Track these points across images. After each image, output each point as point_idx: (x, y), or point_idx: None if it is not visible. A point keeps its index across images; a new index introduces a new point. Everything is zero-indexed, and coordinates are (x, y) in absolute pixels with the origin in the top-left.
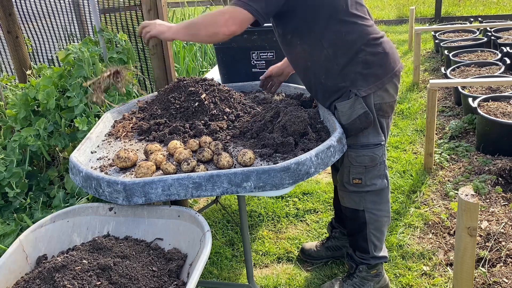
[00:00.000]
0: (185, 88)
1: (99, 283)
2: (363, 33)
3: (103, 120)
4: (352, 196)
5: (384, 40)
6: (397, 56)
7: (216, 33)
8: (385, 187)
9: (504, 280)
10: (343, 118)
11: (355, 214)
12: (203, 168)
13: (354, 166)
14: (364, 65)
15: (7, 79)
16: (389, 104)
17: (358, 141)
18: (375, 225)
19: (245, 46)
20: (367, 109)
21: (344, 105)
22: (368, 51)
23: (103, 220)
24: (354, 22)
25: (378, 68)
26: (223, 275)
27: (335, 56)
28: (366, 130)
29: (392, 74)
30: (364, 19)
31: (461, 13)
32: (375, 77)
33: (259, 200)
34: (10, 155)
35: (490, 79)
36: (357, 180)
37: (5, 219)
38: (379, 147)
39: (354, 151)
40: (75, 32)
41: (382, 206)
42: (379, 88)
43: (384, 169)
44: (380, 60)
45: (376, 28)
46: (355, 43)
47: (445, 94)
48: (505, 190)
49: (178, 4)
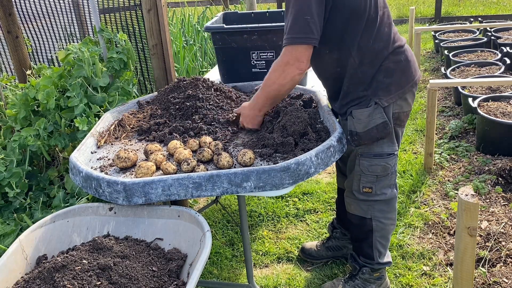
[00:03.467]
0: (185, 88)
1: (99, 283)
2: (389, 41)
3: (103, 120)
4: (360, 204)
5: (406, 48)
6: (416, 64)
7: (293, 81)
8: (394, 197)
9: (504, 280)
10: (359, 125)
11: (362, 221)
12: (203, 168)
13: (366, 175)
14: (387, 73)
15: (7, 79)
16: (406, 113)
17: (372, 150)
18: (382, 233)
19: (245, 46)
20: (387, 119)
21: (362, 113)
22: (391, 59)
23: (103, 220)
24: (382, 30)
25: (400, 77)
26: (223, 275)
27: (361, 64)
28: (381, 140)
29: (413, 83)
30: (390, 26)
31: (461, 13)
32: (397, 86)
33: (259, 200)
34: (10, 155)
35: (490, 79)
36: (368, 189)
37: (5, 219)
38: (392, 156)
39: (366, 160)
40: (75, 32)
41: (390, 214)
42: (400, 98)
43: (394, 179)
44: (402, 68)
45: (399, 35)
46: (381, 52)
47: (445, 94)
48: (505, 190)
49: (178, 4)
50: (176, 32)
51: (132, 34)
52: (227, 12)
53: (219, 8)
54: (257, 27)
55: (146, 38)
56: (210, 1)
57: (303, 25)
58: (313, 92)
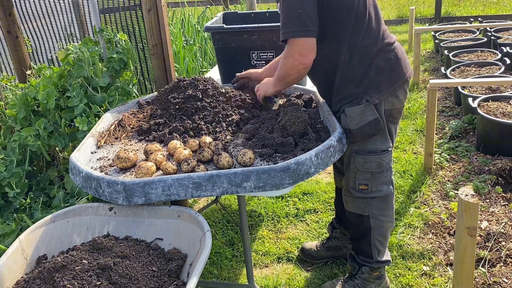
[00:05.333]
0: (185, 88)
1: (99, 283)
2: (378, 37)
3: (103, 120)
4: (357, 201)
5: (396, 45)
6: (407, 61)
7: (299, 72)
8: (391, 193)
9: (504, 280)
10: (351, 123)
11: (360, 219)
12: (203, 168)
13: (361, 172)
14: (377, 71)
15: (7, 79)
16: (398, 110)
17: (366, 147)
18: (380, 231)
19: (245, 46)
20: (378, 116)
21: (354, 111)
22: (382, 57)
23: (103, 220)
24: (371, 26)
25: (390, 74)
26: (223, 275)
27: (351, 61)
28: (374, 136)
29: (404, 80)
30: (379, 23)
31: (461, 13)
32: (388, 83)
33: (259, 200)
34: (10, 155)
35: (490, 79)
36: (364, 186)
37: (5, 219)
38: (387, 153)
39: (361, 157)
40: (75, 32)
41: (387, 211)
42: (391, 95)
43: (390, 175)
44: (393, 66)
45: (389, 33)
46: (370, 48)
47: (445, 94)
48: (505, 190)
49: (178, 4)
50: (176, 32)
51: (132, 34)
52: (227, 12)
53: (219, 8)
54: (257, 27)
55: (146, 38)
56: (210, 1)
57: (296, 19)
58: (313, 92)
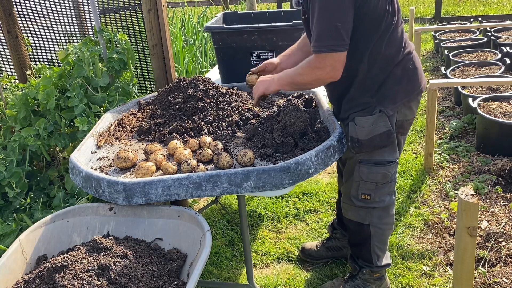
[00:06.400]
0: (185, 88)
1: (99, 283)
2: (401, 46)
3: (103, 120)
4: (358, 210)
5: (414, 54)
6: (422, 71)
7: (323, 83)
8: (393, 203)
9: (504, 280)
10: (361, 133)
11: (360, 227)
12: (203, 168)
13: (365, 182)
14: (395, 80)
15: (7, 79)
16: (409, 121)
17: (372, 158)
18: (380, 238)
19: (245, 46)
20: (391, 128)
21: (366, 120)
22: (400, 66)
23: (103, 220)
24: (395, 35)
25: (407, 84)
26: (223, 275)
27: (370, 70)
28: (383, 148)
29: (419, 90)
30: (402, 32)
31: (461, 13)
32: (404, 93)
33: (259, 200)
34: (10, 155)
35: (490, 79)
36: (366, 196)
37: (5, 219)
38: (393, 164)
39: (366, 167)
40: (75, 32)
41: (387, 219)
42: (404, 106)
43: (394, 186)
44: (410, 75)
45: (409, 41)
46: (393, 58)
47: (445, 94)
48: (505, 190)
49: (178, 4)
50: (176, 32)
51: (132, 34)
52: (227, 12)
53: (219, 8)
54: (257, 27)
55: (146, 38)
56: (210, 1)
57: (334, 32)
58: (313, 92)
